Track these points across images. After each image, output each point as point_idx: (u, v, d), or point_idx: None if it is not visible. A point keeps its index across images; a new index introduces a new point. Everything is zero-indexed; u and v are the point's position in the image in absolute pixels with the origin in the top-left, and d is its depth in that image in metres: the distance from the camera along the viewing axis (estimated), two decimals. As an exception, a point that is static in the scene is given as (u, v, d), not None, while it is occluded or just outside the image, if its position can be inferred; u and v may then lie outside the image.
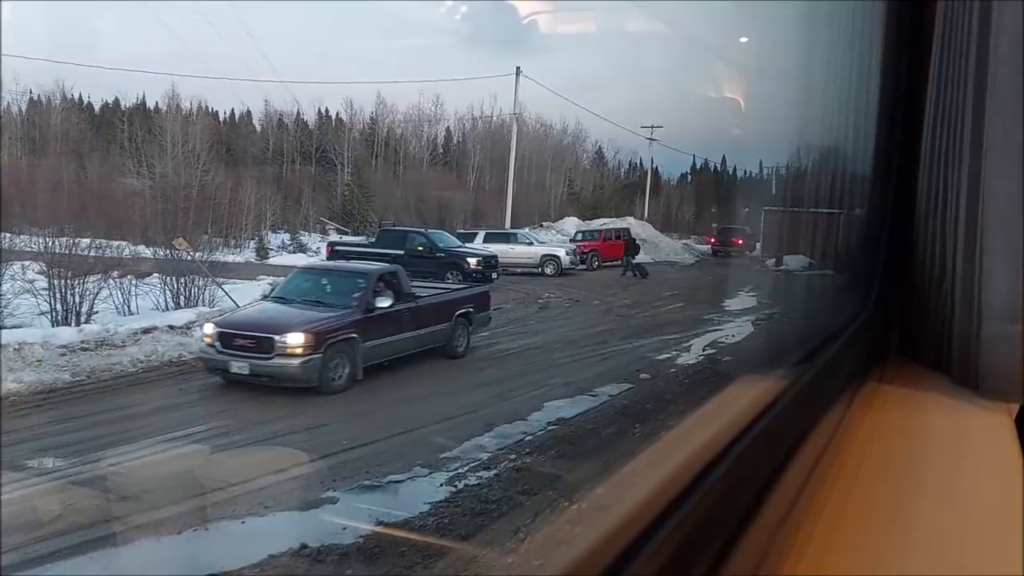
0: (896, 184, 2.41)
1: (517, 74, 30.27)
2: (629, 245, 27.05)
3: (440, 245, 21.71)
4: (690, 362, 12.73)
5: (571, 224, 33.99)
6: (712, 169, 64.89)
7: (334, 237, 36.52)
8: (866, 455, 1.62)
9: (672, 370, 12.02)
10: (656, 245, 33.56)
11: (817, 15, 2.38)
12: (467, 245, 24.13)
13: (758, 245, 33.94)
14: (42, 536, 5.18)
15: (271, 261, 26.60)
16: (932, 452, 1.73)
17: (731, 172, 63.24)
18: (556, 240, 30.28)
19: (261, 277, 18.82)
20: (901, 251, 2.35)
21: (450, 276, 20.27)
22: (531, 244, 25.56)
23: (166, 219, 31.86)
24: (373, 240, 24.03)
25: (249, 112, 50.73)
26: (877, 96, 2.43)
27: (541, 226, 34.28)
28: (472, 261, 20.92)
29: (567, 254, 25.24)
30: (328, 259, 22.60)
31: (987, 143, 1.97)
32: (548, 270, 24.88)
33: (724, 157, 60.64)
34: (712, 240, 37.80)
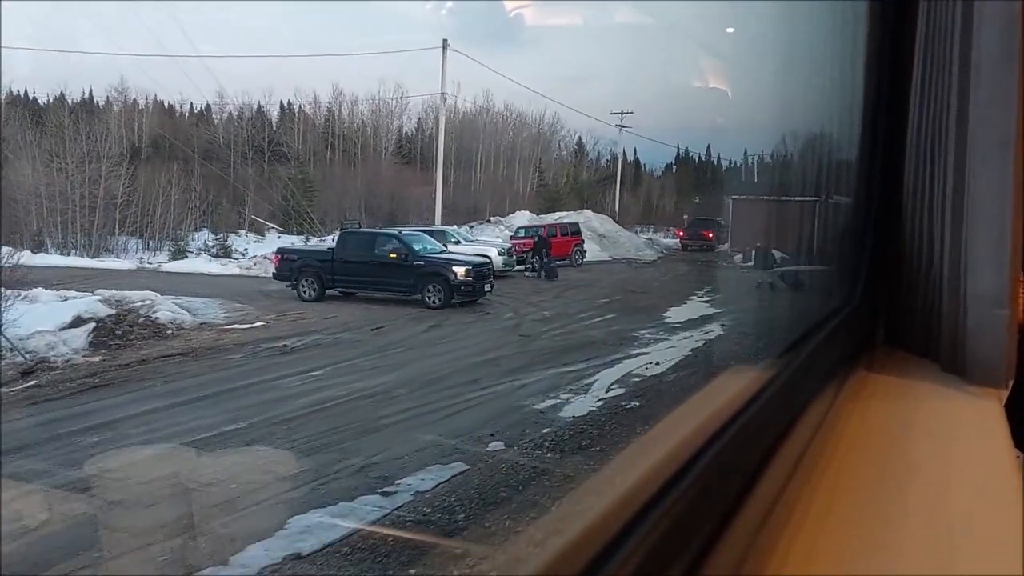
0: (882, 172, 2.29)
1: (444, 48, 26.32)
2: (539, 243, 23.17)
3: (418, 251, 17.21)
4: (578, 413, 8.91)
5: (523, 218, 30.13)
6: (696, 159, 61.29)
7: (275, 238, 32.72)
8: (854, 444, 1.50)
9: (545, 430, 8.22)
10: (615, 240, 29.71)
11: (802, 4, 2.25)
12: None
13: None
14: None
15: (167, 267, 22.78)
16: (920, 439, 1.63)
17: (715, 162, 59.71)
18: (505, 237, 26.47)
19: (100, 291, 15.00)
20: (887, 240, 2.25)
21: (430, 291, 16.28)
22: (458, 244, 21.68)
23: (64, 219, 28.09)
24: (332, 244, 19.20)
25: (208, 106, 47.17)
26: (863, 84, 2.29)
27: (489, 221, 30.44)
28: (459, 271, 16.40)
29: (500, 254, 21.38)
30: (277, 271, 18.10)
31: (971, 130, 1.91)
32: (479, 273, 21.08)
33: (708, 147, 57.04)
34: (681, 233, 33.96)
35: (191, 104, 45.51)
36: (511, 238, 24.43)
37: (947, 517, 1.28)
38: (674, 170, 61.71)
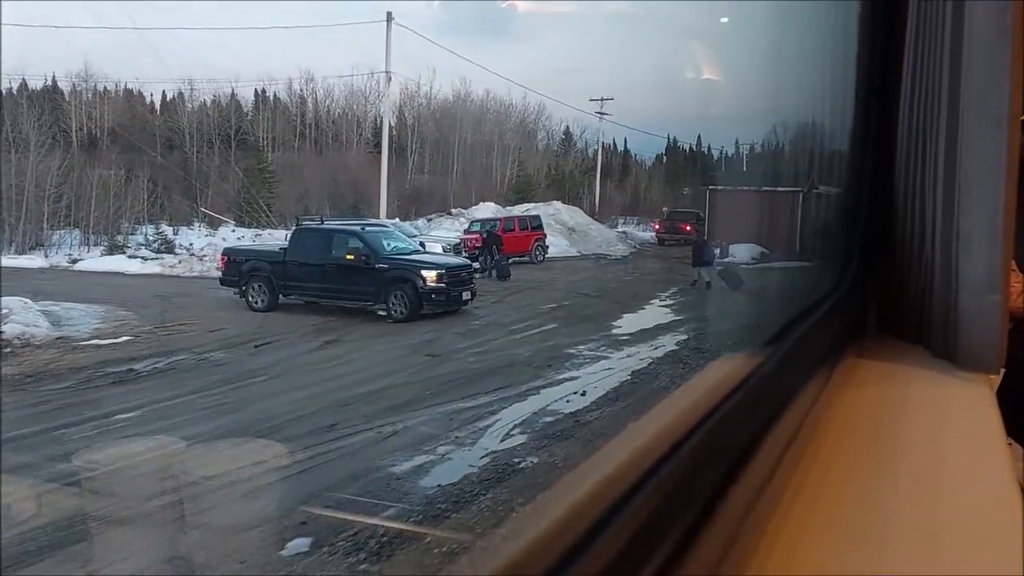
0: (873, 156, 2.22)
1: (388, 20, 23.65)
2: (489, 239, 20.51)
3: (384, 250, 14.19)
4: (448, 480, 6.41)
5: (487, 211, 27.55)
6: (687, 149, 58.65)
7: (230, 232, 30.18)
8: (843, 430, 1.46)
9: (387, 512, 5.75)
10: (585, 234, 27.11)
11: None
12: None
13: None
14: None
15: (82, 266, 20.27)
16: (910, 425, 1.59)
17: (706, 152, 57.14)
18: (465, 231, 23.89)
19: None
20: (879, 225, 2.17)
21: (395, 300, 13.20)
22: (398, 239, 19.10)
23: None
24: (285, 243, 15.63)
25: (180, 93, 44.61)
26: (854, 67, 2.21)
27: (450, 213, 27.85)
28: (429, 276, 13.45)
29: (445, 250, 18.85)
30: (224, 275, 14.97)
31: (964, 109, 1.84)
32: (420, 272, 18.54)
33: (699, 137, 54.46)
34: (657, 226, 31.33)
35: (164, 92, 43.16)
36: (464, 233, 21.81)
37: (939, 504, 1.21)
38: (664, 160, 59.21)
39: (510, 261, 20.98)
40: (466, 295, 14.13)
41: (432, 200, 38.59)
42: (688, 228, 28.24)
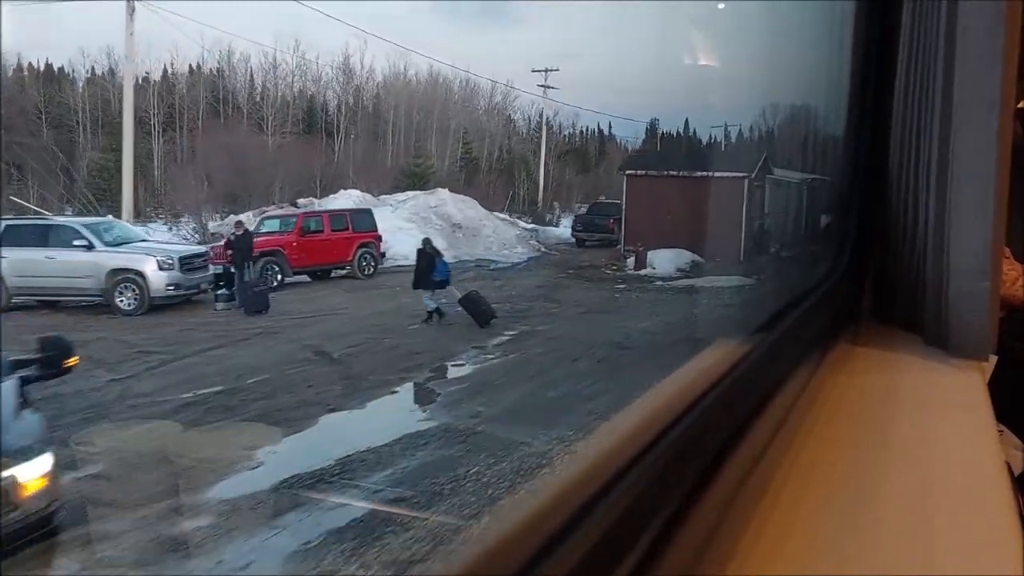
0: (869, 141, 2.10)
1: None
2: (235, 247, 12.79)
3: None
4: None
5: (348, 199, 19.89)
6: (674, 134, 51.26)
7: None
8: (833, 416, 1.37)
9: None
10: (475, 233, 19.32)
11: None
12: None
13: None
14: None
15: None
16: (899, 412, 1.49)
17: (692, 134, 49.80)
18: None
19: None
20: (873, 213, 2.07)
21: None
22: (90, 248, 11.43)
23: None
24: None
25: (111, 70, 37.41)
26: (849, 54, 2.10)
27: (296, 204, 20.17)
28: None
29: (164, 267, 11.27)
30: None
31: (956, 99, 1.77)
32: (123, 302, 11.03)
33: (687, 120, 46.87)
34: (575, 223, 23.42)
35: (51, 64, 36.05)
36: (256, 233, 14.02)
37: (929, 491, 1.15)
38: (645, 145, 52.03)
39: (262, 285, 13.09)
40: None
41: (346, 186, 31.20)
42: (613, 224, 20.50)
